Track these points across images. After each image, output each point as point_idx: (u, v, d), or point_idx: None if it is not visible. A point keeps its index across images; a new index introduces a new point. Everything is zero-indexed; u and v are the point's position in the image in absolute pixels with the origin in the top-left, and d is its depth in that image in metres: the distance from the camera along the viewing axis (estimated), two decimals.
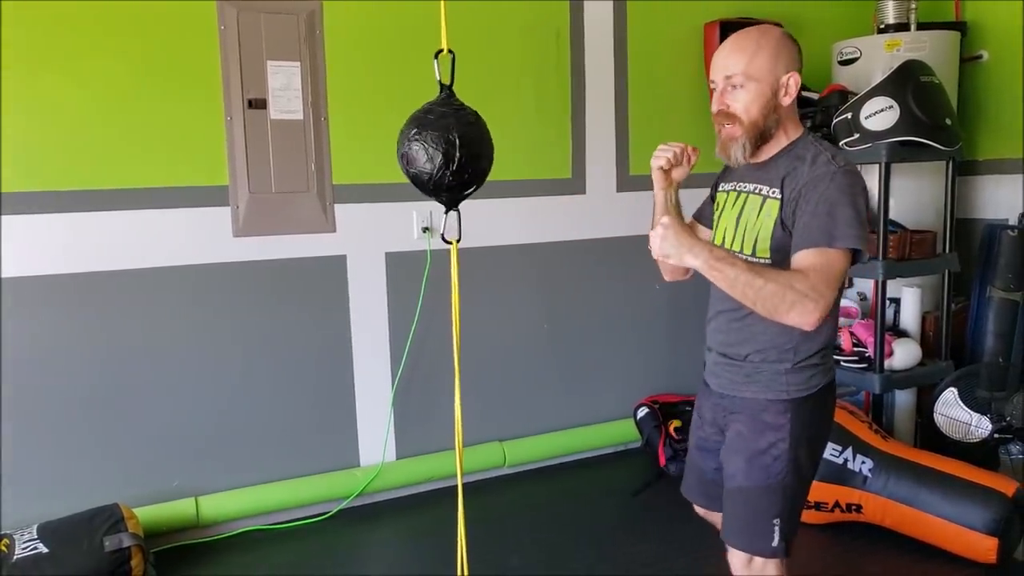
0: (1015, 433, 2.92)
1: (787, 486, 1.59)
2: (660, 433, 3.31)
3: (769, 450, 1.58)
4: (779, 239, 1.55)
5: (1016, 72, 3.54)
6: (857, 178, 1.51)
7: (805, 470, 1.63)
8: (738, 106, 1.54)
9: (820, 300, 1.41)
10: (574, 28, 3.26)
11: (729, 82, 1.55)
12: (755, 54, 1.53)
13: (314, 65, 2.86)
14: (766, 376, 1.61)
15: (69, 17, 2.52)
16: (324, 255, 2.96)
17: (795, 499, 1.62)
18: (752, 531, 1.61)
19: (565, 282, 3.40)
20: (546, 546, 2.74)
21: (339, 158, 2.92)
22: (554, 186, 3.31)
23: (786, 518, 1.59)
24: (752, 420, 1.62)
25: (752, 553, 1.62)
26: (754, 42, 1.55)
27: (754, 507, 1.60)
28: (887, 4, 3.44)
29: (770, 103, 1.54)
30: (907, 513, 2.60)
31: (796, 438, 1.58)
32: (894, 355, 3.06)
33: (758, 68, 1.52)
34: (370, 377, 3.06)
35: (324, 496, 2.97)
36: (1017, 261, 3.32)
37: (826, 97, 3.22)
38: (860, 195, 1.49)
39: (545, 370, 3.39)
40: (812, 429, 1.62)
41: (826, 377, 1.64)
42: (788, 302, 1.40)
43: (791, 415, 1.58)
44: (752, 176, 1.63)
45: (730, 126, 1.56)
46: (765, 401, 1.60)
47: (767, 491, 1.58)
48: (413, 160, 1.40)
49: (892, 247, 2.97)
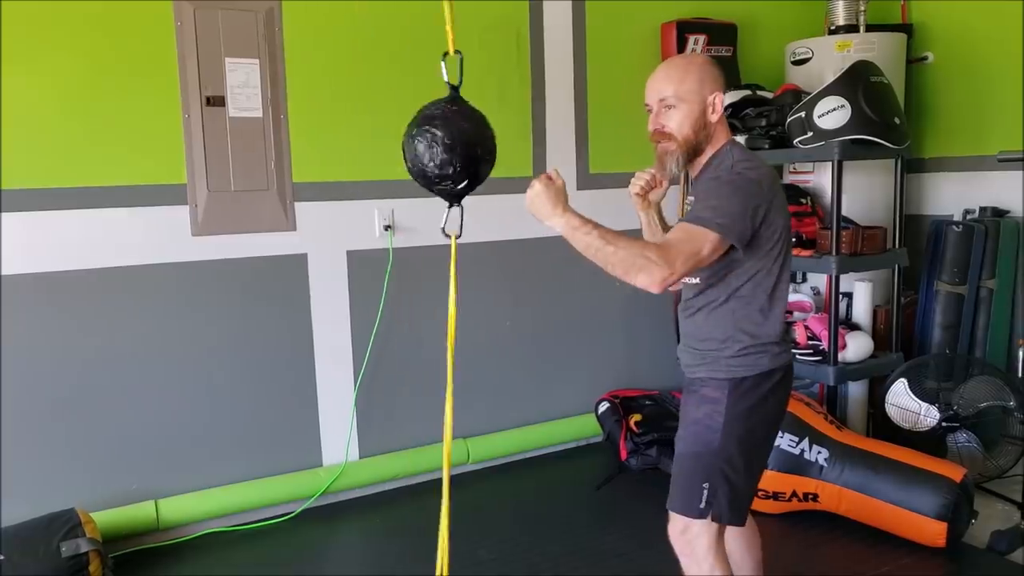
0: (961, 421, 3.02)
1: (718, 455, 1.70)
2: (621, 427, 3.35)
3: (703, 419, 1.72)
4: None
5: (960, 73, 3.67)
6: (747, 180, 1.64)
7: (742, 446, 1.72)
8: (672, 125, 1.70)
9: (666, 269, 1.54)
10: (534, 28, 3.29)
11: (663, 104, 1.71)
12: (684, 78, 1.70)
13: (273, 62, 2.84)
14: (712, 358, 1.75)
15: (22, 13, 2.46)
16: (285, 254, 2.93)
17: (728, 471, 1.71)
18: (683, 494, 1.74)
19: (527, 280, 3.42)
20: (511, 540, 2.76)
21: (299, 156, 2.90)
22: (516, 184, 3.30)
23: (716, 486, 1.70)
24: (698, 395, 1.77)
25: (680, 513, 1.74)
26: (682, 68, 1.73)
27: (687, 471, 1.74)
28: (838, 6, 3.54)
29: (700, 120, 1.70)
30: (861, 500, 2.67)
31: (731, 412, 1.71)
32: (847, 348, 3.14)
33: (688, 90, 1.69)
34: (332, 376, 3.05)
35: (287, 496, 2.95)
36: (962, 256, 3.44)
37: (780, 96, 3.29)
38: (743, 191, 1.63)
39: (508, 367, 3.41)
40: (750, 407, 1.72)
41: (773, 363, 1.74)
42: (637, 267, 1.55)
43: (728, 390, 1.71)
44: (692, 189, 1.81)
45: (666, 143, 1.72)
46: (709, 379, 1.75)
47: (699, 456, 1.72)
48: (417, 156, 1.45)
49: (844, 243, 3.05)
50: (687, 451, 1.76)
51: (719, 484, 1.70)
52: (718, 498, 1.70)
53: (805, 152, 3.07)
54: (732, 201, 1.61)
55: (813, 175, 3.52)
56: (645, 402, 3.45)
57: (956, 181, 3.73)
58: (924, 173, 3.84)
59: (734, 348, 1.72)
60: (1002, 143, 3.35)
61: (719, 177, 1.68)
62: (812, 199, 3.45)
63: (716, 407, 1.71)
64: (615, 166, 3.48)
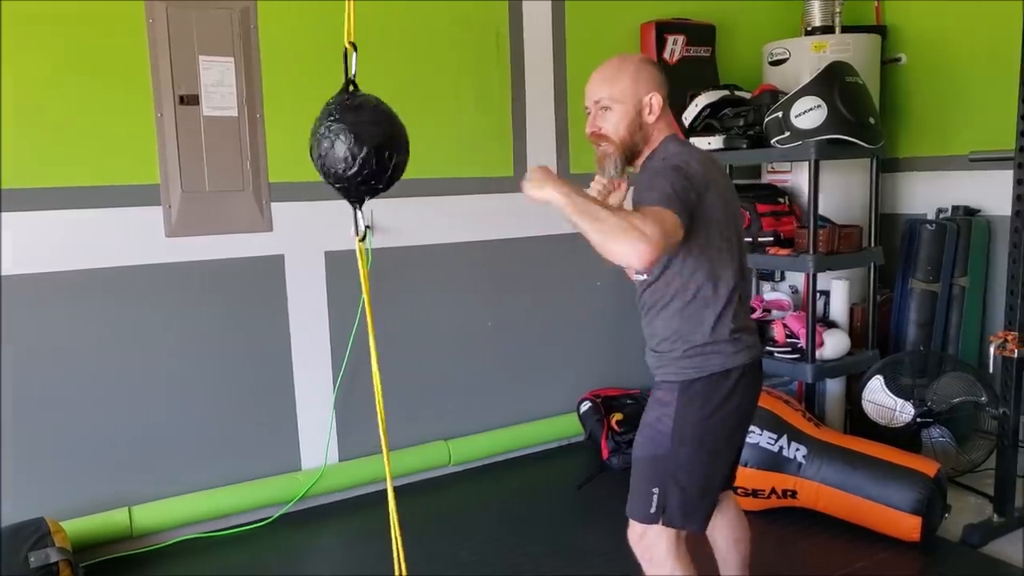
0: (935, 417, 3.06)
1: (668, 460, 1.69)
2: (603, 426, 3.36)
3: (655, 424, 1.72)
4: None
5: (932, 74, 3.72)
6: (672, 166, 1.61)
7: (695, 450, 1.69)
8: (608, 126, 1.71)
9: (653, 223, 1.44)
10: (513, 27, 3.28)
11: (598, 106, 1.72)
12: (617, 79, 1.71)
13: (248, 61, 2.80)
14: (667, 360, 1.74)
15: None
16: (261, 255, 2.90)
17: (679, 476, 1.69)
18: (636, 499, 1.74)
19: (509, 279, 3.41)
20: (494, 541, 2.75)
21: (276, 156, 2.87)
22: (497, 184, 3.32)
23: (667, 491, 1.69)
24: (653, 398, 1.78)
25: (633, 518, 1.75)
26: (616, 68, 1.73)
27: (639, 475, 1.75)
28: (814, 7, 3.57)
29: (635, 121, 1.71)
30: (838, 496, 2.70)
31: (680, 416, 1.69)
32: (825, 345, 3.18)
33: (621, 91, 1.70)
34: (311, 379, 3.02)
35: (264, 501, 2.91)
36: (935, 254, 3.49)
37: (758, 96, 3.31)
38: (667, 174, 1.59)
39: (490, 367, 3.40)
40: (703, 409, 1.69)
41: (729, 362, 1.69)
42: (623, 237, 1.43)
43: (678, 394, 1.70)
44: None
45: (604, 144, 1.72)
46: (663, 381, 1.76)
47: (651, 461, 1.72)
48: (325, 156, 1.37)
49: (822, 242, 3.08)
50: (641, 455, 1.75)
51: (669, 489, 1.69)
52: (668, 503, 1.69)
53: (782, 152, 3.10)
54: (661, 183, 1.57)
55: (790, 174, 3.55)
56: (626, 401, 3.46)
57: (929, 180, 3.78)
58: (898, 172, 3.89)
59: (681, 348, 1.70)
60: (973, 143, 3.40)
61: (649, 168, 1.70)
62: (789, 198, 3.48)
63: (666, 411, 1.70)
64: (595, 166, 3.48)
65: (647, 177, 1.66)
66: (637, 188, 1.68)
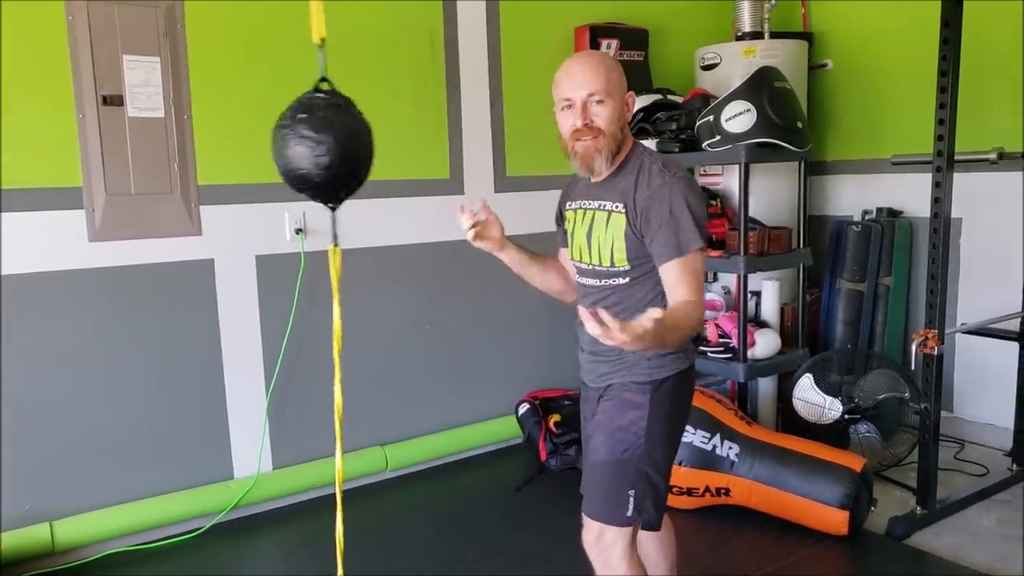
0: (862, 413, 3.16)
1: (643, 460, 1.69)
2: (541, 428, 3.37)
3: (630, 426, 1.69)
4: (633, 248, 1.69)
5: (857, 79, 3.84)
6: (690, 183, 1.67)
7: (663, 447, 1.73)
8: (601, 121, 1.65)
9: (701, 302, 1.61)
10: (448, 28, 3.27)
11: (592, 98, 1.64)
12: (610, 73, 1.66)
13: (176, 60, 2.73)
14: (631, 362, 1.72)
15: None
16: (190, 259, 2.82)
17: (651, 474, 1.71)
18: (608, 501, 1.71)
19: (446, 282, 3.40)
20: (431, 546, 2.73)
21: (205, 157, 2.80)
22: (433, 186, 3.30)
23: (641, 491, 1.69)
24: (618, 400, 1.74)
25: (606, 522, 1.70)
26: (605, 62, 1.69)
27: (612, 478, 1.71)
28: (744, 13, 3.65)
29: (623, 118, 1.69)
30: (770, 493, 2.76)
31: (654, 415, 1.70)
32: (756, 345, 3.24)
33: (615, 85, 1.66)
34: (243, 385, 2.95)
35: (195, 512, 2.83)
36: (861, 254, 3.60)
37: (690, 101, 3.37)
38: (696, 198, 1.65)
39: (427, 371, 3.38)
40: (671, 408, 1.74)
41: (687, 362, 1.77)
42: (697, 324, 1.61)
43: (651, 394, 1.70)
44: (593, 193, 1.75)
45: (593, 139, 1.65)
46: (630, 383, 1.72)
47: (625, 463, 1.69)
48: (292, 157, 1.35)
49: (752, 243, 3.15)
50: (610, 458, 1.71)
51: (645, 489, 1.69)
52: (645, 504, 1.70)
53: (714, 155, 3.15)
54: (693, 210, 1.62)
55: (722, 177, 3.62)
56: (564, 402, 3.48)
57: (855, 183, 3.90)
58: (825, 175, 4.01)
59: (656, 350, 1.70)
60: (896, 147, 3.53)
61: (662, 188, 1.63)
62: (721, 201, 3.55)
63: (639, 412, 1.69)
64: (533, 169, 3.50)
65: (666, 196, 1.62)
66: (654, 220, 1.62)
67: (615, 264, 1.71)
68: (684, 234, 1.60)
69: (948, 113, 2.64)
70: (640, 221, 1.65)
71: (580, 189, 1.79)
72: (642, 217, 1.64)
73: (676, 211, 1.61)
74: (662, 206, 1.61)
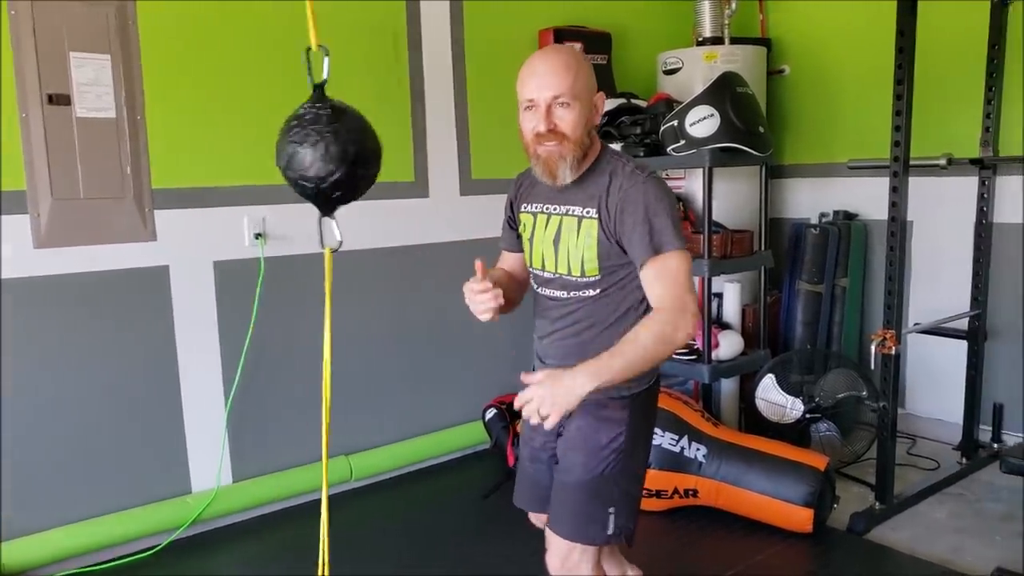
0: (823, 412, 3.22)
1: (623, 476, 1.65)
2: (508, 433, 3.34)
3: (610, 443, 1.63)
4: (605, 255, 1.59)
5: (814, 85, 3.92)
6: (663, 184, 1.58)
7: (639, 460, 1.70)
8: (565, 125, 1.53)
9: (685, 306, 1.48)
10: (411, 30, 3.21)
11: (557, 101, 1.53)
12: (577, 74, 1.54)
13: (128, 58, 2.61)
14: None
15: None
16: (144, 266, 2.71)
17: (629, 489, 1.68)
18: (588, 522, 1.64)
19: (410, 287, 3.34)
20: (398, 556, 2.68)
21: (159, 160, 2.69)
22: (397, 189, 3.25)
23: (621, 507, 1.65)
24: (593, 417, 1.64)
25: (584, 543, 1.64)
26: (574, 61, 1.56)
27: (591, 498, 1.64)
28: (704, 18, 3.69)
29: (590, 122, 1.57)
30: (736, 493, 2.79)
31: (633, 430, 1.65)
32: (720, 346, 3.28)
33: (582, 87, 1.54)
34: (200, 396, 2.85)
35: (151, 529, 2.72)
36: (819, 256, 3.68)
37: (654, 105, 3.39)
38: (670, 200, 1.57)
39: (392, 378, 3.31)
40: (647, 421, 1.71)
41: (656, 372, 1.72)
42: (670, 337, 1.47)
43: (630, 410, 1.64)
44: (559, 198, 1.64)
45: (557, 145, 1.54)
46: (606, 399, 1.62)
47: (605, 481, 1.63)
48: (299, 165, 1.29)
49: (716, 246, 3.18)
50: (591, 477, 1.63)
51: (625, 504, 1.65)
52: (624, 520, 1.65)
53: (678, 160, 3.18)
54: (669, 212, 1.53)
55: (684, 181, 3.65)
56: None
57: (811, 186, 3.99)
58: (783, 179, 4.08)
59: None
60: (852, 151, 3.62)
61: (636, 190, 1.54)
62: (684, 204, 3.58)
63: (620, 428, 1.62)
64: (499, 172, 3.46)
65: (641, 201, 1.53)
66: (630, 223, 1.53)
67: (585, 273, 1.60)
68: (659, 235, 1.52)
69: (904, 120, 2.71)
70: (614, 224, 1.55)
71: (542, 192, 1.67)
72: (616, 220, 1.55)
73: (651, 213, 1.52)
74: (636, 208, 1.53)
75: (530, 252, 1.71)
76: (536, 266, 1.70)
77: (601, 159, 1.62)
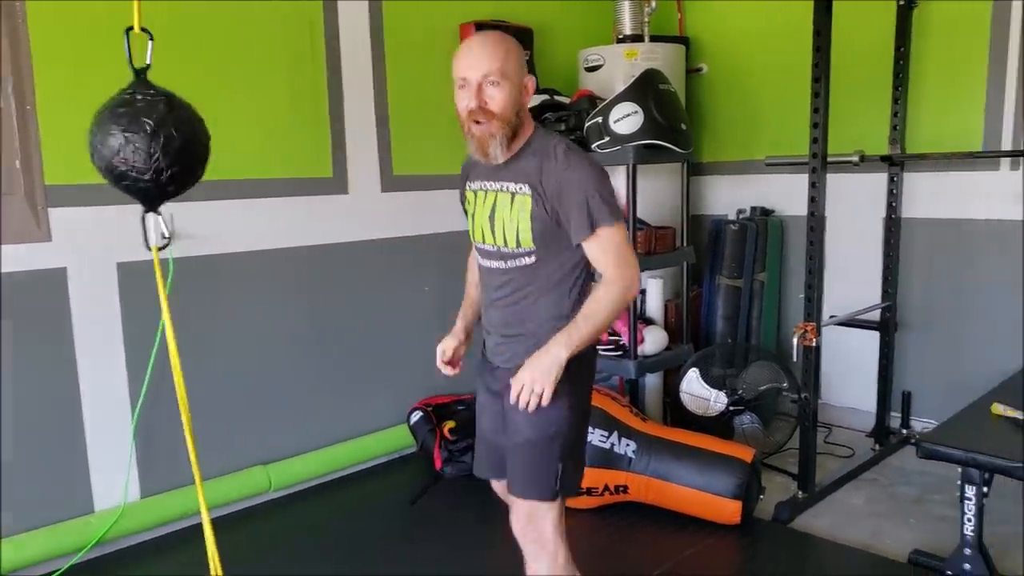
0: (746, 404, 3.28)
1: (570, 433, 1.75)
2: (435, 436, 3.26)
3: (555, 403, 1.69)
4: (540, 230, 1.69)
5: (731, 83, 4.00)
6: (595, 165, 1.70)
7: (580, 417, 1.80)
8: (495, 104, 1.63)
9: (628, 269, 1.67)
10: (328, 20, 3.09)
11: (486, 80, 1.63)
12: (507, 55, 1.64)
13: (15, 46, 2.41)
14: (547, 340, 1.70)
15: None
16: (37, 268, 2.50)
17: (574, 445, 1.78)
18: (537, 478, 1.74)
19: (329, 287, 3.21)
20: (321, 569, 2.57)
21: (54, 154, 2.49)
22: (314, 185, 3.11)
23: (567, 464, 1.75)
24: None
25: (536, 499, 1.74)
26: (504, 44, 1.67)
27: (539, 455, 1.74)
28: (624, 16, 3.70)
29: (518, 101, 1.67)
30: (665, 488, 2.80)
31: (574, 389, 1.74)
32: (645, 342, 3.30)
33: (511, 68, 1.64)
34: (103, 407, 2.65)
35: (48, 553, 2.52)
36: (738, 252, 3.75)
37: (577, 102, 3.38)
38: (604, 178, 1.69)
39: (311, 382, 3.18)
40: (586, 380, 1.81)
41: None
42: (625, 296, 1.67)
43: (571, 370, 1.69)
44: (496, 175, 1.74)
45: (487, 123, 1.64)
46: None
47: (552, 439, 1.73)
48: (114, 156, 1.22)
49: (640, 243, 3.20)
50: (538, 436, 1.72)
51: (570, 460, 1.75)
52: (567, 476, 1.74)
53: (603, 157, 3.16)
54: (607, 190, 1.65)
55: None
56: (458, 407, 3.39)
57: (729, 183, 4.07)
58: (702, 176, 4.15)
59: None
60: (769, 148, 3.70)
61: (571, 169, 1.65)
62: None
63: (564, 387, 1.68)
64: (421, 168, 3.38)
65: (575, 178, 1.64)
66: (567, 201, 1.64)
67: (520, 244, 1.71)
68: (595, 213, 1.64)
69: (821, 118, 2.78)
70: (553, 204, 1.66)
71: (481, 171, 1.78)
72: (554, 200, 1.66)
73: (588, 194, 1.63)
74: (573, 190, 1.64)
75: (472, 227, 1.83)
76: (478, 239, 1.81)
77: (534, 139, 1.71)
